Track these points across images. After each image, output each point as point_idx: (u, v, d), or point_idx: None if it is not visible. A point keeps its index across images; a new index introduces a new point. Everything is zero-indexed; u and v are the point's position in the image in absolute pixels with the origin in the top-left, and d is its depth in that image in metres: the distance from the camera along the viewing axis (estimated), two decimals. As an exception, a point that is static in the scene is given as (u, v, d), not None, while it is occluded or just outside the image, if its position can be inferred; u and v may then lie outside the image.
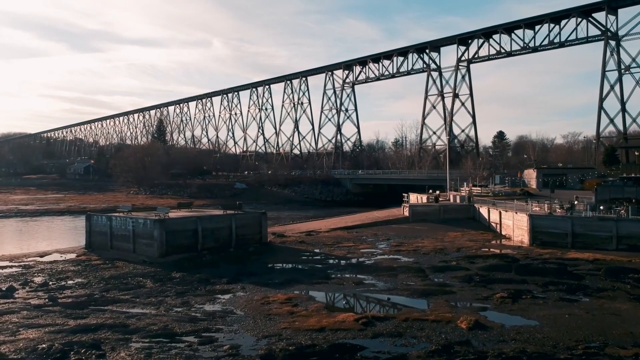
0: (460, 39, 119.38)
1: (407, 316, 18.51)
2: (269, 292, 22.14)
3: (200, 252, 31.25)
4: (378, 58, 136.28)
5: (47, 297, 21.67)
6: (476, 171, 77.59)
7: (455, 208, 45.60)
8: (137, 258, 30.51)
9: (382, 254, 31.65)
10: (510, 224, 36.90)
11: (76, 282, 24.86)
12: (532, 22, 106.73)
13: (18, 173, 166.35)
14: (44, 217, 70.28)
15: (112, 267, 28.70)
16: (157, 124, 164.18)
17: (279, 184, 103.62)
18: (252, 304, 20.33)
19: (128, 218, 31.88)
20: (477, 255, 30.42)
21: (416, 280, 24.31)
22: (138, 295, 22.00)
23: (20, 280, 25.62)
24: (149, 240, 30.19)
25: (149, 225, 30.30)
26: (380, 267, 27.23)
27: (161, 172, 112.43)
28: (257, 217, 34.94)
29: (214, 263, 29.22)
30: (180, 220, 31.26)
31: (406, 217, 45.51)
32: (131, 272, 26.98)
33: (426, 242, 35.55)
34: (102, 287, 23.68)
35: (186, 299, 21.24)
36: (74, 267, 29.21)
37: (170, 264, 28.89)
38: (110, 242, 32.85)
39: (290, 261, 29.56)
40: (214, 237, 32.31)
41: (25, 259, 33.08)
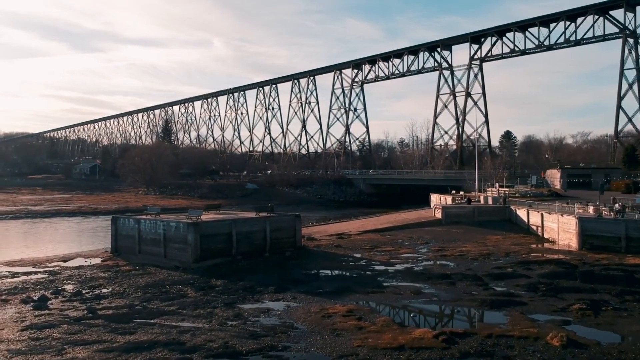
0: (472, 37, 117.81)
1: (489, 331, 16.80)
2: (324, 303, 20.42)
3: (234, 257, 29.54)
4: (388, 57, 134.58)
5: (85, 309, 19.97)
6: (496, 171, 75.77)
7: (489, 210, 43.87)
8: (168, 263, 28.81)
9: (426, 259, 29.93)
10: (554, 227, 35.17)
11: (111, 291, 23.14)
12: (547, 20, 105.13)
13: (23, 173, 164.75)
14: (55, 218, 68.56)
15: (145, 273, 26.99)
16: (163, 124, 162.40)
17: (290, 185, 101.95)
18: (312, 317, 18.61)
19: (158, 221, 30.16)
20: (529, 260, 28.68)
21: (478, 290, 22.58)
22: (183, 306, 20.28)
23: (50, 288, 23.94)
24: (182, 244, 28.48)
25: (182, 229, 28.59)
26: (432, 274, 25.49)
27: (170, 172, 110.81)
28: (291, 220, 33.23)
29: (252, 269, 27.51)
30: (214, 224, 29.55)
31: (438, 219, 43.77)
32: (167, 280, 25.27)
33: (469, 246, 33.83)
34: (141, 297, 21.97)
35: (237, 311, 19.52)
36: (103, 273, 27.53)
37: (205, 270, 27.20)
38: (139, 247, 31.14)
39: (333, 267, 27.82)
40: (249, 241, 30.59)
41: (49, 263, 31.45)
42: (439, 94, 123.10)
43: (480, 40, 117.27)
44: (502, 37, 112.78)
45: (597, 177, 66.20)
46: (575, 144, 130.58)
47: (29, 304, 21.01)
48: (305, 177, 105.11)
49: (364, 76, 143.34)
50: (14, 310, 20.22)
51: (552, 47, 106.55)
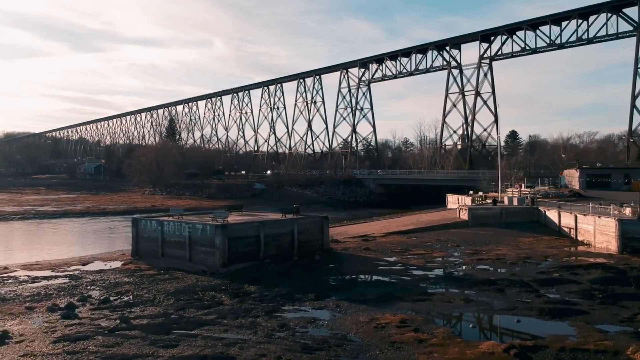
0: (482, 36, 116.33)
1: (561, 344, 15.53)
2: (372, 312, 19.14)
3: (262, 261, 28.27)
4: (395, 55, 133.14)
5: (118, 318, 18.69)
6: (511, 171, 74.47)
7: (517, 211, 42.53)
8: (194, 268, 27.53)
9: (464, 263, 28.64)
10: (590, 229, 33.87)
11: (141, 298, 21.85)
12: (559, 18, 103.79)
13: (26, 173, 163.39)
14: (63, 219, 67.29)
15: (171, 278, 25.71)
16: (168, 124, 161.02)
17: (298, 185, 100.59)
18: (364, 328, 17.32)
19: (183, 223, 28.87)
20: (572, 264, 27.37)
21: (530, 297, 21.29)
22: (222, 314, 18.99)
23: (75, 294, 22.67)
24: (210, 248, 27.20)
25: (209, 231, 27.30)
26: (477, 280, 24.20)
27: (176, 172, 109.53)
28: (318, 221, 31.94)
29: (283, 274, 26.23)
30: (242, 226, 28.27)
31: (464, 220, 42.45)
32: (197, 285, 23.99)
33: (503, 249, 32.53)
34: (174, 305, 20.68)
35: (281, 320, 18.23)
36: (127, 277, 26.26)
37: (234, 275, 25.93)
38: (162, 250, 29.86)
39: (368, 272, 26.54)
40: (276, 244, 29.32)
41: (67, 267, 30.19)
42: (448, 93, 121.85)
43: (490, 39, 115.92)
44: (512, 36, 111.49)
45: (616, 177, 64.93)
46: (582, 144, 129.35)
47: (56, 312, 19.74)
48: (314, 177, 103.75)
49: (370, 75, 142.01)
50: (41, 319, 18.95)
51: (564, 46, 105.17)
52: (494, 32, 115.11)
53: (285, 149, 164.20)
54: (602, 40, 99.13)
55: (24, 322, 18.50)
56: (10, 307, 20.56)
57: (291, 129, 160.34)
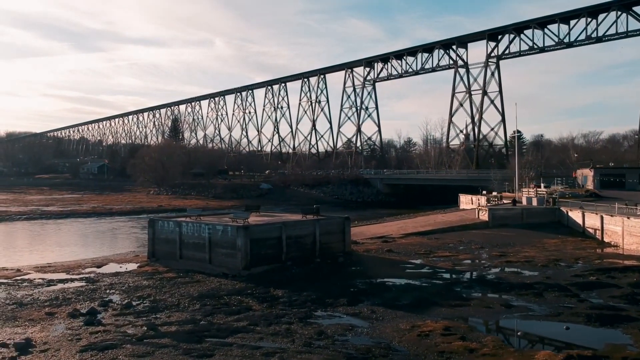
0: (490, 35, 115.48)
1: (621, 354, 14.61)
2: (411, 318, 18.21)
3: (284, 264, 27.34)
4: (401, 54, 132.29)
5: (144, 324, 17.76)
6: (522, 171, 73.48)
7: (539, 212, 41.60)
8: (214, 270, 26.60)
9: (492, 265, 27.70)
10: (617, 230, 32.93)
11: (164, 302, 20.90)
12: (568, 17, 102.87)
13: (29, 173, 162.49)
14: (70, 219, 66.39)
15: (193, 281, 24.77)
16: (172, 123, 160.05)
17: (305, 184, 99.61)
18: (407, 336, 16.39)
19: (203, 224, 27.92)
20: (607, 267, 26.39)
21: (572, 302, 20.35)
22: (253, 321, 18.06)
23: (95, 299, 21.75)
24: (231, 250, 26.25)
25: (230, 233, 26.36)
26: (511, 283, 23.26)
27: (181, 172, 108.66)
28: (340, 222, 30.99)
29: (308, 277, 25.30)
30: (264, 227, 27.32)
31: (484, 221, 41.50)
32: (221, 289, 23.05)
33: (530, 251, 31.59)
34: (200, 310, 19.74)
35: (317, 327, 17.30)
36: (146, 280, 25.34)
37: (257, 278, 24.99)
38: (180, 251, 28.91)
39: (396, 275, 25.57)
40: (298, 246, 28.40)
41: (82, 269, 29.27)
42: (455, 93, 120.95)
43: (497, 38, 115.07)
44: (520, 34, 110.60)
45: (631, 177, 64.00)
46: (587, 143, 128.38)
47: (78, 318, 18.81)
48: (321, 177, 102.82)
49: (376, 74, 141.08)
50: (63, 326, 18.03)
51: (572, 45, 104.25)
52: (501, 30, 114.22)
53: (289, 149, 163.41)
54: (612, 38, 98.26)
55: (45, 329, 17.58)
56: (30, 313, 19.64)
57: (295, 129, 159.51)
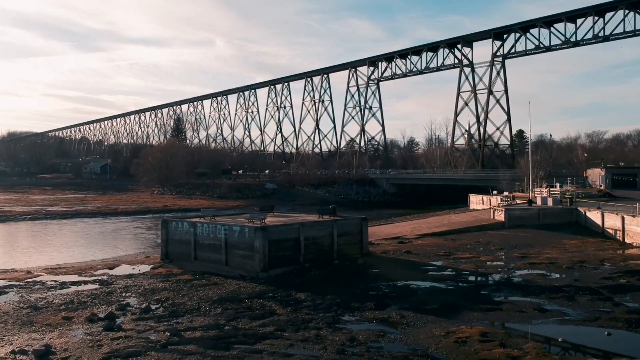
0: (495, 33, 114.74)
1: (673, 363, 13.89)
2: (443, 323, 17.50)
3: (302, 265, 26.64)
4: (406, 53, 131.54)
5: (167, 330, 17.05)
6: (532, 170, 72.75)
7: (555, 212, 40.86)
8: (231, 272, 25.90)
9: (516, 267, 26.99)
10: None
11: (184, 306, 20.20)
12: (574, 16, 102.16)
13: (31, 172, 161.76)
14: (75, 219, 65.74)
15: (210, 284, 24.07)
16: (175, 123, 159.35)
17: (310, 184, 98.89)
18: (443, 343, 15.68)
19: (219, 225, 27.21)
20: (635, 269, 25.67)
21: (607, 306, 19.62)
22: (280, 326, 17.35)
23: (111, 302, 21.04)
24: (248, 251, 25.55)
25: (248, 234, 25.66)
26: (540, 286, 22.55)
27: (185, 171, 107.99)
28: (357, 223, 30.28)
29: (328, 279, 24.61)
30: (282, 228, 26.62)
31: (499, 221, 40.76)
32: (240, 292, 22.34)
33: (551, 252, 30.87)
34: (222, 314, 19.04)
35: (348, 333, 16.58)
36: (161, 283, 24.64)
37: (275, 280, 24.30)
38: (194, 253, 28.22)
39: (420, 278, 24.86)
40: (316, 247, 27.70)
41: (94, 271, 28.60)
42: (460, 92, 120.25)
43: (502, 37, 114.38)
44: (526, 33, 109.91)
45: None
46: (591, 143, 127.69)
47: (96, 323, 18.12)
48: (327, 177, 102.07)
49: (380, 74, 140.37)
50: (82, 331, 17.33)
51: (579, 44, 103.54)
52: (507, 29, 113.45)
53: (291, 149, 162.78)
54: (619, 37, 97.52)
55: (64, 335, 16.87)
56: (46, 317, 18.94)
57: (298, 129, 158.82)
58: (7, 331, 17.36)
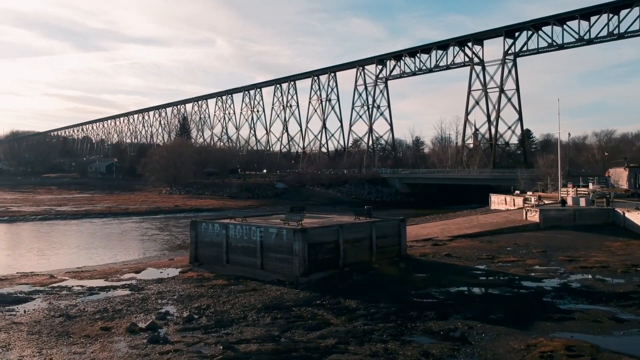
0: (507, 31, 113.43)
1: None
2: (518, 335, 16.05)
3: (342, 270, 25.21)
4: (415, 52, 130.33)
5: (219, 343, 15.61)
6: (550, 170, 71.36)
7: (592, 213, 39.44)
8: (268, 277, 24.47)
9: (568, 272, 25.50)
10: (688, 233, 30.77)
11: (228, 315, 18.75)
12: (588, 13, 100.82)
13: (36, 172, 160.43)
14: (85, 219, 64.51)
15: (248, 289, 22.62)
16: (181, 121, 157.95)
17: (321, 184, 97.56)
18: (526, 357, 14.22)
19: (253, 226, 25.77)
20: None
21: (687, 315, 18.20)
22: (341, 338, 15.91)
23: (149, 310, 19.60)
24: (287, 255, 24.12)
25: (286, 236, 24.23)
26: (604, 292, 21.09)
27: (194, 171, 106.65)
28: (396, 225, 28.86)
29: (372, 285, 23.16)
30: (322, 230, 25.18)
31: (532, 222, 39.32)
32: (284, 299, 20.90)
33: (598, 255, 29.42)
34: (272, 324, 17.59)
35: (418, 347, 15.12)
36: (196, 288, 23.22)
37: (317, 286, 22.86)
38: (226, 256, 26.78)
39: (470, 283, 23.43)
40: (355, 250, 26.26)
41: (120, 275, 27.16)
42: (471, 90, 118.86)
43: (514, 35, 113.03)
44: (538, 31, 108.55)
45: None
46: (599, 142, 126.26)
47: (139, 335, 16.67)
48: (338, 176, 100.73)
49: (388, 72, 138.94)
50: (125, 344, 15.90)
51: (593, 41, 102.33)
52: (519, 27, 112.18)
53: (298, 148, 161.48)
54: (635, 35, 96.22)
55: (107, 348, 15.43)
56: (82, 327, 17.51)
57: (305, 128, 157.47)
58: (44, 343, 15.93)
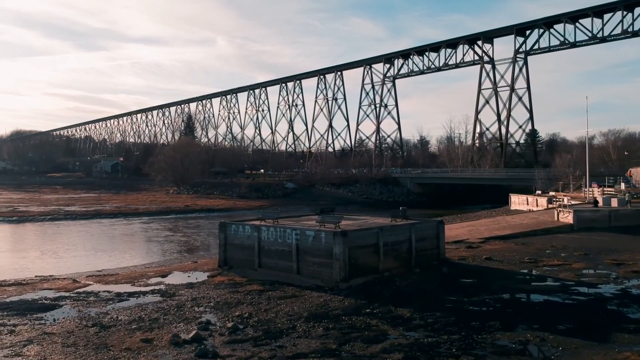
0: (518, 29, 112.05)
1: None
2: (597, 349, 14.74)
3: (382, 274, 23.90)
4: (423, 50, 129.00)
5: (275, 358, 14.30)
6: (568, 170, 69.99)
7: (628, 214, 38.11)
8: (305, 282, 23.15)
9: (622, 277, 24.16)
10: None
11: (274, 325, 17.42)
12: (601, 10, 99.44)
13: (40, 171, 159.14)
14: (96, 220, 63.21)
15: (288, 296, 21.29)
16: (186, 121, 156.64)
17: (331, 184, 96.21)
18: (621, 376, 12.93)
19: (288, 229, 24.45)
20: None
21: None
22: (409, 352, 14.56)
23: (189, 320, 18.25)
24: (326, 259, 22.80)
25: (325, 239, 22.91)
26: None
27: (201, 170, 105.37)
28: (434, 227, 27.54)
29: (418, 292, 21.82)
30: (362, 233, 23.87)
31: (565, 224, 37.96)
32: (329, 306, 19.56)
33: (647, 259, 28.11)
34: (326, 335, 16.27)
35: (496, 363, 13.84)
36: (231, 294, 21.90)
37: (359, 292, 21.55)
38: (258, 259, 25.47)
39: (523, 289, 22.10)
40: (394, 254, 24.95)
41: (146, 280, 25.90)
42: (481, 89, 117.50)
43: (525, 33, 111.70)
44: (550, 29, 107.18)
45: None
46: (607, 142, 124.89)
47: (183, 347, 15.36)
48: (348, 176, 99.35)
49: (396, 71, 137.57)
50: (171, 357, 14.61)
51: (606, 39, 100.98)
52: (530, 25, 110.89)
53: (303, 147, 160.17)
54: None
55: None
56: (120, 339, 16.19)
57: (311, 127, 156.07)
58: (82, 357, 14.62)
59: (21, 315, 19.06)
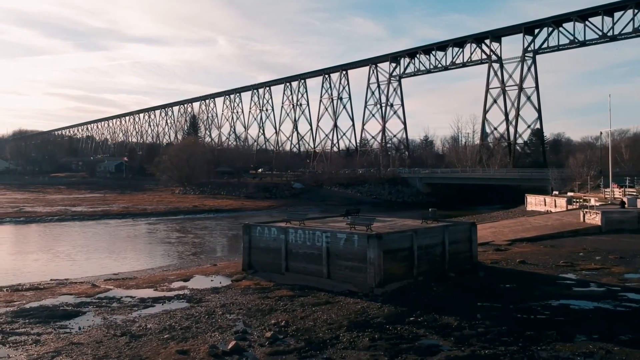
0: (526, 28, 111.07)
1: None
2: (671, 362, 13.71)
3: (416, 279, 22.87)
4: (430, 49, 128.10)
5: (325, 372, 13.29)
6: (582, 170, 69.02)
7: (658, 215, 37.21)
8: (336, 287, 22.10)
9: (667, 281, 23.18)
10: None
11: (315, 334, 16.38)
12: (612, 9, 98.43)
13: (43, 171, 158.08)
14: (104, 220, 62.22)
15: (322, 302, 20.22)
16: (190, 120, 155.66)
17: (339, 184, 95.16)
18: None
19: (318, 231, 23.41)
20: None
21: None
22: (467, 367, 13.57)
23: (223, 328, 17.21)
24: (359, 263, 21.76)
25: (358, 242, 21.88)
26: None
27: (207, 170, 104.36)
28: (467, 229, 26.50)
29: (457, 297, 20.76)
30: (397, 236, 22.82)
31: (593, 225, 36.94)
32: (369, 314, 18.51)
33: (686, 262, 27.09)
34: (371, 346, 15.22)
35: (566, 379, 12.81)
36: (260, 299, 20.86)
37: (396, 298, 20.49)
38: (285, 263, 24.44)
39: (567, 295, 21.02)
40: (428, 257, 23.92)
41: (168, 284, 24.87)
42: (489, 88, 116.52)
43: (534, 32, 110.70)
44: (559, 27, 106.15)
45: None
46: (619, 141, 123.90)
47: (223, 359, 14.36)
48: (356, 176, 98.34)
49: (402, 70, 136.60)
50: (212, 371, 13.57)
51: (616, 38, 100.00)
52: (539, 23, 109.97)
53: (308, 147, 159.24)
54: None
55: (196, 379, 13.10)
56: (154, 350, 15.15)
57: (316, 127, 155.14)
58: (117, 371, 13.61)
59: (44, 323, 18.04)
